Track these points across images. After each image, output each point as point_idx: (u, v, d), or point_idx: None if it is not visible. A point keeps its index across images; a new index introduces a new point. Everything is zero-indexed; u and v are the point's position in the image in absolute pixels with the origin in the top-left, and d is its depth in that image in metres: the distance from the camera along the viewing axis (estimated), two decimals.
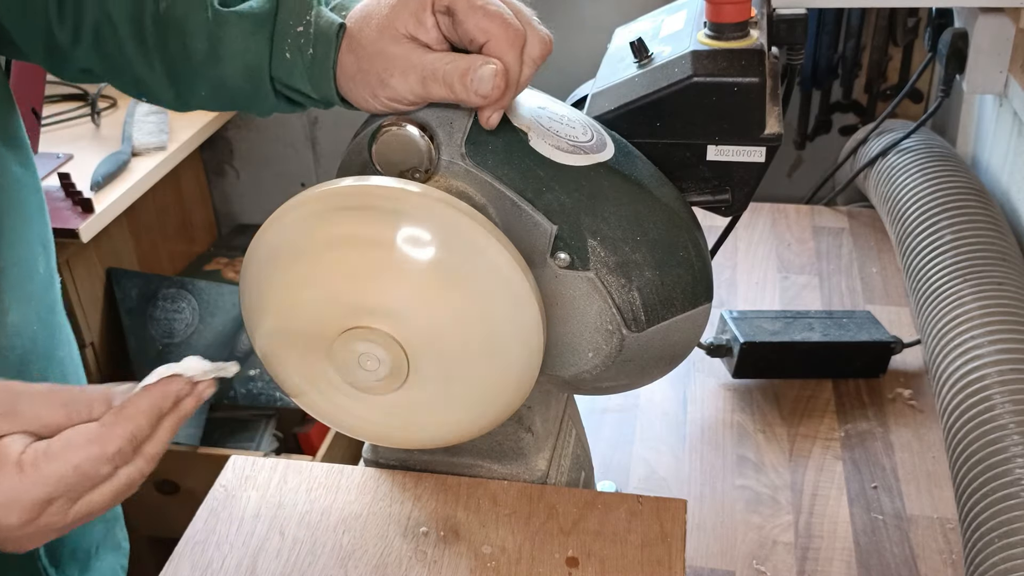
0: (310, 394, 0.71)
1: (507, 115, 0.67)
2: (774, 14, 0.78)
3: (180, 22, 0.71)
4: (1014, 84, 1.16)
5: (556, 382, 0.75)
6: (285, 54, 0.69)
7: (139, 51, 0.73)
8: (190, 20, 0.71)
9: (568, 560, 0.70)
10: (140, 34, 0.73)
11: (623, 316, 0.69)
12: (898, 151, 1.28)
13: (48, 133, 1.78)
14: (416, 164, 0.67)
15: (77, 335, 1.63)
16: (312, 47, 0.69)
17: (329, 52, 0.68)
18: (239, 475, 0.78)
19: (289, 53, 0.69)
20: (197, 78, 0.74)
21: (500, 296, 0.63)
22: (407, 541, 0.72)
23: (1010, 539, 0.76)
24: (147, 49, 0.73)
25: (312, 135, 1.98)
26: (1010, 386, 0.87)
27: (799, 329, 1.09)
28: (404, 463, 0.79)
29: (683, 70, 0.70)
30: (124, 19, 0.73)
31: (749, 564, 0.89)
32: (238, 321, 1.74)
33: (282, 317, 0.67)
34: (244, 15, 0.70)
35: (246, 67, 0.71)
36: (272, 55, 0.70)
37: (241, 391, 1.77)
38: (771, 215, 1.44)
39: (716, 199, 0.73)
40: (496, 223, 0.67)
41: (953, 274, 1.02)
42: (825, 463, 1.00)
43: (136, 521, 1.79)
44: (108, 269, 1.71)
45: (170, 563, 0.71)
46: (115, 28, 0.73)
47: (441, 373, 0.65)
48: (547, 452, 0.78)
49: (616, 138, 0.70)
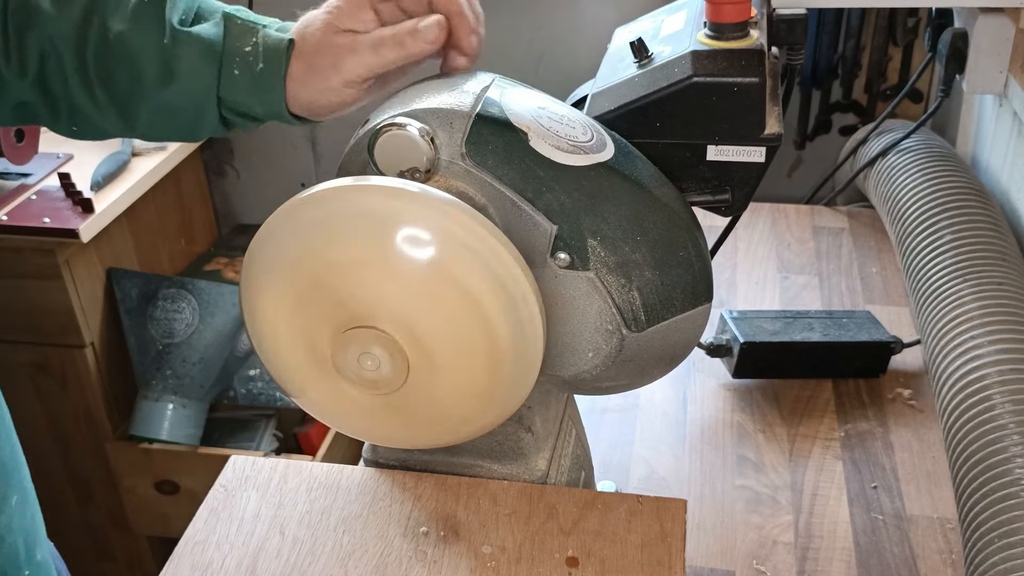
0: (310, 394, 0.71)
1: (507, 115, 0.67)
2: (774, 14, 0.78)
3: (132, 45, 0.73)
4: (1014, 84, 1.16)
5: (556, 382, 0.75)
6: (233, 71, 0.74)
7: (82, 80, 0.75)
8: (145, 43, 0.73)
9: (568, 560, 0.70)
10: (83, 63, 0.74)
11: (623, 316, 0.69)
12: (898, 151, 1.28)
13: (48, 133, 1.78)
14: (416, 164, 0.67)
15: (77, 335, 1.64)
16: (262, 62, 0.73)
17: (280, 63, 0.73)
18: (239, 475, 0.78)
19: (237, 70, 0.73)
20: (142, 102, 0.75)
21: (500, 296, 0.63)
22: (407, 541, 0.72)
23: (1010, 539, 0.76)
24: (89, 78, 0.75)
25: (312, 135, 1.97)
26: (1010, 386, 0.87)
27: (799, 329, 1.09)
28: (404, 463, 0.79)
29: (683, 70, 0.70)
30: (69, 49, 0.74)
31: (749, 564, 0.89)
32: (238, 321, 1.74)
33: (282, 317, 0.67)
34: (197, 36, 0.74)
35: (196, 88, 0.74)
36: (221, 75, 0.74)
37: (241, 391, 1.77)
38: (771, 215, 1.44)
39: (716, 199, 0.73)
40: (496, 223, 0.67)
41: (953, 274, 1.02)
42: (825, 463, 1.00)
43: (136, 521, 1.80)
44: (108, 269, 1.71)
45: (170, 563, 0.71)
46: (60, 57, 0.75)
47: (441, 373, 0.65)
48: (547, 452, 0.78)
49: (616, 138, 0.70)
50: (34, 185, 1.64)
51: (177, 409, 1.73)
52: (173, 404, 1.73)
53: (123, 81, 0.74)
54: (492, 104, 0.68)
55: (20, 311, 1.63)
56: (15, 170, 1.66)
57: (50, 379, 1.70)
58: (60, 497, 1.83)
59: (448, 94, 0.69)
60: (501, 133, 0.67)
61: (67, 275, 1.59)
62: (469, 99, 0.68)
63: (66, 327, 1.64)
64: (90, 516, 1.84)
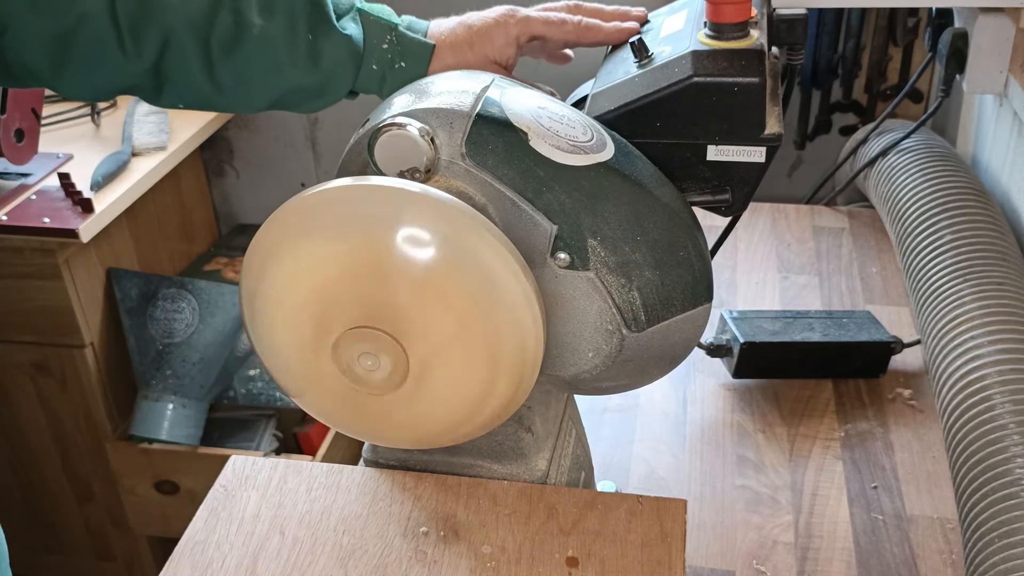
0: (310, 394, 0.71)
1: (507, 115, 0.67)
2: (774, 14, 0.78)
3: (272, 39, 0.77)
4: (1014, 84, 1.16)
5: (556, 382, 0.75)
6: (372, 66, 0.79)
7: (204, 66, 0.78)
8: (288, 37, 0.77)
9: (568, 560, 0.70)
10: (207, 51, 0.77)
11: (623, 316, 0.69)
12: (898, 151, 1.28)
13: (48, 133, 1.78)
14: (416, 164, 0.67)
15: (77, 335, 1.64)
16: (402, 60, 0.79)
17: (421, 65, 0.80)
18: (239, 475, 0.78)
19: (375, 66, 0.79)
20: (273, 88, 0.80)
21: (500, 296, 0.63)
22: (407, 541, 0.72)
23: (1010, 539, 0.76)
24: (212, 64, 0.77)
25: (312, 135, 1.97)
26: (1010, 386, 0.87)
27: (799, 329, 1.09)
28: (404, 463, 0.79)
29: (683, 70, 0.70)
30: (193, 39, 0.76)
31: (749, 564, 0.89)
32: (238, 321, 1.74)
33: (282, 317, 0.67)
34: (342, 34, 0.78)
35: (335, 80, 0.79)
36: (360, 69, 0.79)
37: (241, 391, 1.77)
38: (771, 215, 1.44)
39: (716, 199, 0.73)
40: (496, 223, 0.67)
41: (953, 274, 1.02)
42: (825, 463, 1.00)
43: (136, 521, 1.80)
44: (108, 269, 1.71)
45: (170, 563, 0.71)
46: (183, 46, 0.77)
47: (441, 373, 0.65)
48: (547, 452, 0.78)
49: (616, 138, 0.70)
50: (34, 185, 1.64)
51: (177, 409, 1.73)
52: (173, 404, 1.73)
53: (256, 70, 0.78)
54: (492, 104, 0.68)
55: (20, 311, 1.63)
56: (15, 170, 1.66)
57: (50, 379, 1.70)
58: (60, 497, 1.83)
59: (448, 94, 0.69)
60: (501, 133, 0.67)
61: (67, 275, 1.59)
62: (469, 99, 0.68)
63: (66, 327, 1.63)
64: (90, 516, 1.84)
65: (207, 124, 1.83)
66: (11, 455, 1.80)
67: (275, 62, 0.77)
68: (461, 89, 0.69)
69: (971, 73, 1.20)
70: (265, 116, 1.96)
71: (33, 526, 1.88)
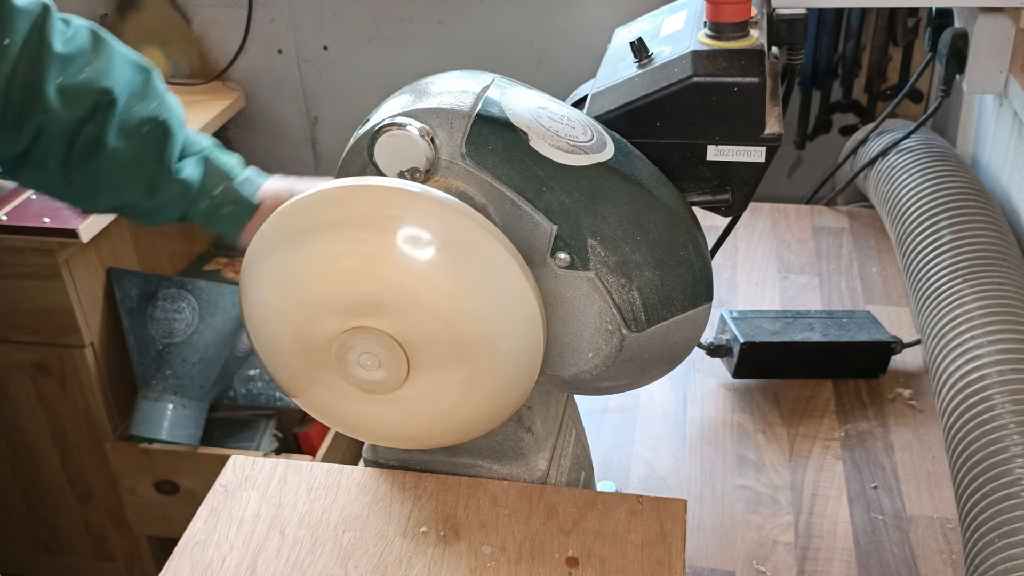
0: (309, 394, 0.71)
1: (507, 115, 0.67)
2: (774, 14, 0.78)
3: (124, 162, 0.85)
4: (1014, 84, 1.16)
5: (556, 382, 0.75)
6: (201, 206, 0.89)
7: (62, 167, 0.86)
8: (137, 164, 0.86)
9: (568, 560, 0.70)
10: (68, 156, 0.85)
11: (623, 316, 0.69)
12: (898, 151, 1.28)
13: None
14: (416, 164, 0.67)
15: (77, 335, 1.64)
16: (232, 206, 0.89)
17: (243, 219, 0.89)
18: (239, 475, 0.78)
19: (204, 205, 0.89)
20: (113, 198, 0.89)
21: (500, 296, 0.63)
22: (407, 541, 0.72)
23: (1010, 539, 0.76)
24: (70, 167, 0.86)
25: (312, 135, 1.97)
26: (1010, 386, 0.87)
27: (799, 329, 1.09)
28: (404, 463, 0.79)
29: (683, 70, 0.70)
30: (60, 143, 0.85)
31: (749, 564, 0.89)
32: (238, 321, 1.74)
33: (282, 317, 0.67)
34: (181, 179, 0.87)
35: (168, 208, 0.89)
36: (191, 204, 0.89)
37: (241, 391, 1.77)
38: (771, 215, 1.44)
39: (716, 199, 0.73)
40: (496, 223, 0.67)
41: (953, 274, 1.02)
42: (825, 463, 0.99)
43: (136, 521, 1.80)
44: (108, 269, 1.70)
45: (170, 563, 0.71)
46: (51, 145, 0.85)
47: (440, 373, 0.65)
48: (547, 452, 0.78)
49: (616, 138, 0.70)
50: None
51: (177, 409, 1.73)
52: (173, 404, 1.73)
53: (104, 181, 0.86)
54: (492, 104, 0.68)
55: (20, 311, 1.63)
56: None
57: (50, 379, 1.70)
58: (60, 497, 1.83)
59: (448, 94, 0.69)
60: (501, 133, 0.67)
61: (67, 275, 1.59)
62: (469, 99, 0.68)
63: (66, 327, 1.63)
64: (90, 516, 1.84)
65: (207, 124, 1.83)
66: (11, 455, 1.80)
67: (121, 179, 0.86)
68: (461, 89, 0.69)
69: (971, 73, 1.20)
70: (265, 116, 1.96)
71: (33, 526, 1.88)
